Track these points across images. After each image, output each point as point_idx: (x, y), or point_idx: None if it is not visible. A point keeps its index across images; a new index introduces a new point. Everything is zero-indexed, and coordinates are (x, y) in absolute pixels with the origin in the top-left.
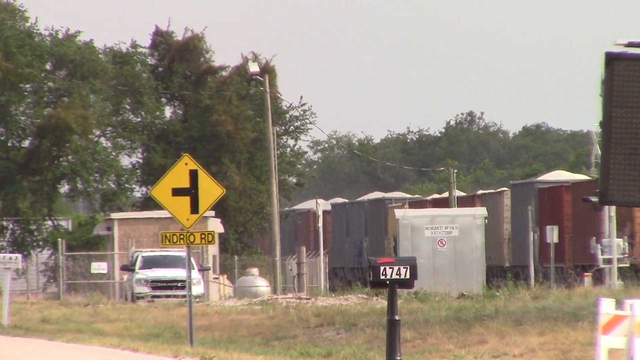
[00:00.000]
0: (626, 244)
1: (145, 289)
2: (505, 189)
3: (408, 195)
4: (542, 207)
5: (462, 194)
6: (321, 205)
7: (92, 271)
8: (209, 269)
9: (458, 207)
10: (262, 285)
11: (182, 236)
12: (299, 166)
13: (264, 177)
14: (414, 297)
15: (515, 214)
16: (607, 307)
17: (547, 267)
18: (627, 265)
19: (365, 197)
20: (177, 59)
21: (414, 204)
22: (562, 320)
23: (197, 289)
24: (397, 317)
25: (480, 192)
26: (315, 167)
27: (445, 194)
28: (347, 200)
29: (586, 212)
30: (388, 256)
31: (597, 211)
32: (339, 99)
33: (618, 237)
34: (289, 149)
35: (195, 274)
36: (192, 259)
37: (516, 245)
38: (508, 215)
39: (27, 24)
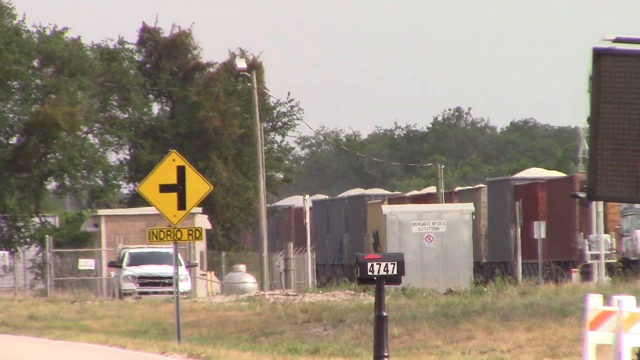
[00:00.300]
0: (614, 239)
1: (132, 286)
2: (482, 185)
3: (388, 192)
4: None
5: (441, 190)
6: (308, 201)
7: (80, 268)
8: (196, 266)
9: (436, 203)
10: (249, 281)
11: (169, 233)
12: (286, 162)
13: (251, 173)
14: (401, 293)
15: (492, 210)
16: (594, 302)
17: (524, 264)
18: (614, 261)
19: (345, 194)
20: (165, 56)
21: (393, 201)
22: (550, 316)
23: (185, 286)
24: (384, 313)
25: (458, 188)
26: (302, 163)
27: (424, 191)
28: (327, 197)
29: (561, 209)
30: (368, 252)
31: (585, 207)
32: (326, 95)
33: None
34: (276, 145)
35: (183, 271)
36: (179, 255)
37: (494, 241)
38: (485, 211)
39: (15, 21)
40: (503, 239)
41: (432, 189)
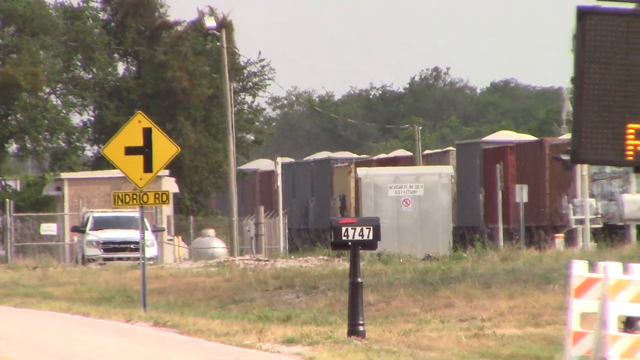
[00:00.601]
0: (599, 203)
1: (96, 251)
2: (450, 148)
3: (355, 155)
4: (487, 168)
5: (409, 153)
6: (279, 164)
7: (42, 233)
8: (163, 230)
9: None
10: (218, 246)
11: (135, 196)
12: (257, 123)
13: (221, 135)
14: (377, 258)
15: (461, 174)
16: (579, 269)
17: (492, 228)
18: (600, 225)
19: (312, 157)
20: (131, 14)
21: (360, 164)
22: (533, 283)
23: (151, 251)
24: (359, 280)
25: (426, 152)
26: (274, 124)
27: (392, 154)
28: (293, 160)
29: (531, 173)
30: (335, 217)
31: (568, 170)
32: (298, 54)
33: (561, 199)
34: (246, 106)
35: (149, 236)
36: (145, 219)
37: (463, 205)
38: (454, 175)
39: None
40: (472, 203)
41: (400, 152)
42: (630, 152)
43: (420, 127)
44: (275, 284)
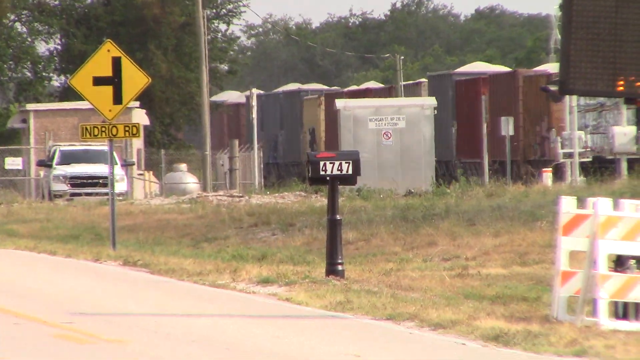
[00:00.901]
0: (588, 136)
1: (63, 186)
2: (423, 80)
3: (325, 87)
4: (459, 100)
5: (381, 85)
6: (254, 95)
7: (6, 167)
8: (133, 164)
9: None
10: (191, 181)
11: (104, 129)
12: (232, 53)
13: (193, 65)
14: (356, 194)
15: None
16: (567, 205)
17: (465, 163)
18: (589, 159)
19: (280, 89)
20: None
21: (331, 96)
22: (519, 220)
23: (120, 186)
24: (338, 217)
25: (401, 83)
26: (248, 53)
27: (363, 86)
28: (262, 92)
29: (504, 105)
30: (305, 151)
31: (557, 102)
32: None
33: (536, 133)
34: (220, 34)
35: (118, 170)
36: (114, 153)
37: (436, 139)
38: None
39: None
40: (444, 137)
41: (371, 84)
42: (621, 83)
43: (402, 57)
44: (250, 221)
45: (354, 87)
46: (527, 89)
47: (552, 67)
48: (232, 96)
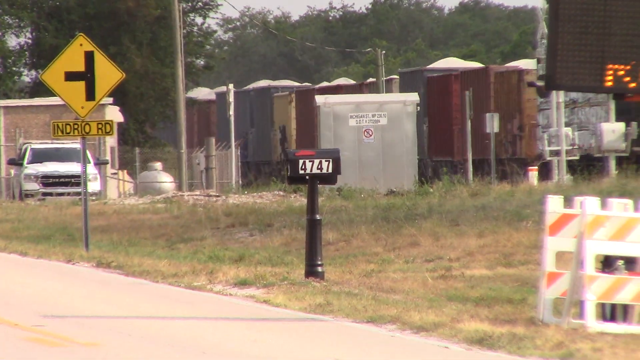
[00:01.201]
0: (575, 133)
1: (35, 186)
2: (394, 76)
3: (296, 84)
4: (431, 97)
5: (352, 81)
6: (231, 92)
7: None
8: (107, 163)
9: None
10: (166, 181)
11: (76, 126)
12: (208, 47)
13: (169, 60)
14: (337, 194)
15: None
16: (554, 205)
17: (437, 162)
18: (577, 158)
19: (251, 86)
20: None
21: (302, 94)
22: (504, 220)
23: (94, 186)
24: (317, 217)
25: (370, 80)
26: (225, 48)
27: (334, 82)
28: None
29: (474, 102)
30: (275, 149)
31: (544, 97)
32: None
33: (507, 131)
34: (196, 28)
35: (91, 169)
36: (87, 151)
37: None
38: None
39: None
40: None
41: (342, 81)
42: (610, 78)
43: (384, 51)
44: (227, 222)
45: (324, 84)
46: (499, 85)
47: (524, 63)
48: (201, 93)
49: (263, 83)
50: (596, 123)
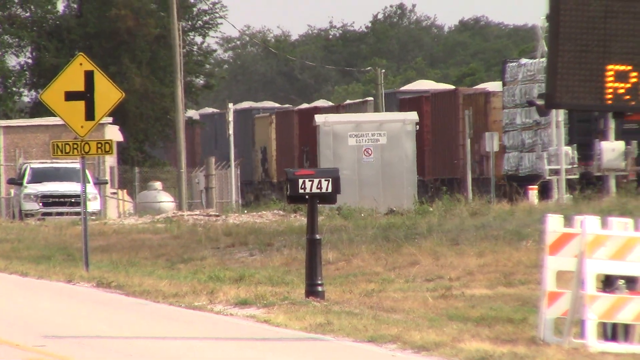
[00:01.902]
0: (575, 152)
1: (34, 205)
2: (369, 98)
3: (277, 105)
4: None
5: (330, 103)
6: (231, 111)
7: None
8: (107, 183)
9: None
10: (166, 200)
11: (76, 146)
12: (208, 66)
13: (168, 79)
14: (336, 213)
15: None
16: (554, 224)
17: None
18: (576, 176)
19: (233, 107)
20: None
21: (282, 115)
22: (504, 239)
23: (93, 205)
24: (317, 236)
25: (347, 102)
26: (226, 67)
27: (313, 104)
28: (216, 110)
29: (445, 123)
30: (256, 169)
31: (543, 116)
32: None
33: (474, 151)
34: (196, 47)
35: (91, 189)
36: (87, 171)
37: None
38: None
39: None
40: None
41: (321, 102)
42: (610, 96)
43: (384, 70)
44: (227, 241)
45: (304, 105)
46: (467, 107)
47: (491, 85)
48: (189, 113)
49: (245, 104)
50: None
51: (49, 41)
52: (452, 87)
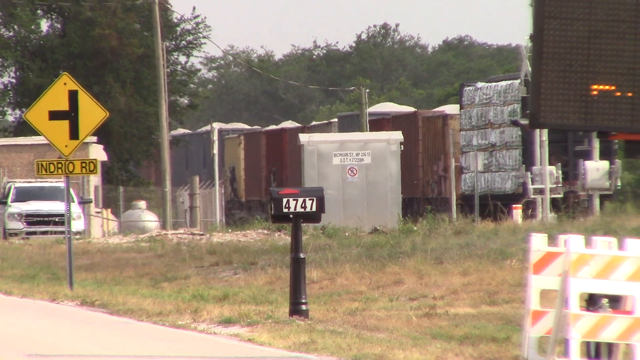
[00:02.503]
0: (559, 171)
1: (19, 225)
2: (333, 120)
3: (246, 127)
4: None
5: (297, 124)
6: (215, 131)
7: None
8: (91, 202)
9: (286, 138)
10: (150, 219)
11: (60, 165)
12: (192, 85)
13: (152, 98)
14: (321, 232)
15: None
16: (538, 243)
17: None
18: (560, 196)
19: (204, 129)
20: None
21: (250, 136)
22: (488, 258)
23: (78, 224)
24: (302, 255)
25: (313, 123)
26: (210, 86)
27: (280, 125)
28: (188, 131)
29: (404, 145)
30: (229, 189)
31: (528, 136)
32: (236, 10)
33: (433, 172)
34: (180, 67)
35: (75, 208)
36: (71, 190)
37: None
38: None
39: None
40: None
41: (288, 124)
42: (594, 115)
43: (368, 90)
44: (211, 260)
45: (272, 127)
46: (426, 129)
47: (449, 108)
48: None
49: (216, 125)
50: (581, 162)
51: (32, 61)
52: (413, 109)
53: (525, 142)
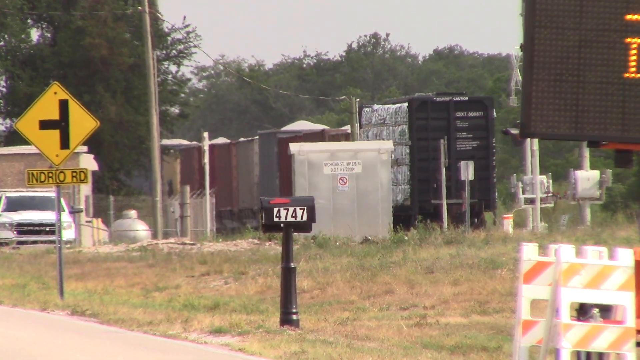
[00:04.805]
0: (550, 181)
1: (9, 234)
2: (256, 137)
3: (185, 142)
4: (281, 156)
5: (244, 139)
6: (206, 140)
7: None
8: (81, 211)
9: (216, 153)
10: (141, 229)
11: (50, 174)
12: (183, 95)
13: (143, 108)
14: (311, 242)
15: (263, 160)
16: (529, 252)
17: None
18: (551, 205)
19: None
20: None
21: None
22: (479, 268)
23: (68, 234)
24: (292, 265)
25: (241, 139)
26: (200, 96)
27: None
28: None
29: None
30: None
31: (518, 145)
32: (226, 20)
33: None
34: (170, 76)
35: (66, 217)
36: (62, 200)
37: (264, 188)
38: (257, 161)
39: None
40: (270, 186)
41: (218, 140)
42: (585, 125)
43: (358, 99)
44: (202, 270)
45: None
46: None
47: (349, 127)
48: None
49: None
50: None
51: (23, 70)
52: (323, 127)
53: (413, 160)
